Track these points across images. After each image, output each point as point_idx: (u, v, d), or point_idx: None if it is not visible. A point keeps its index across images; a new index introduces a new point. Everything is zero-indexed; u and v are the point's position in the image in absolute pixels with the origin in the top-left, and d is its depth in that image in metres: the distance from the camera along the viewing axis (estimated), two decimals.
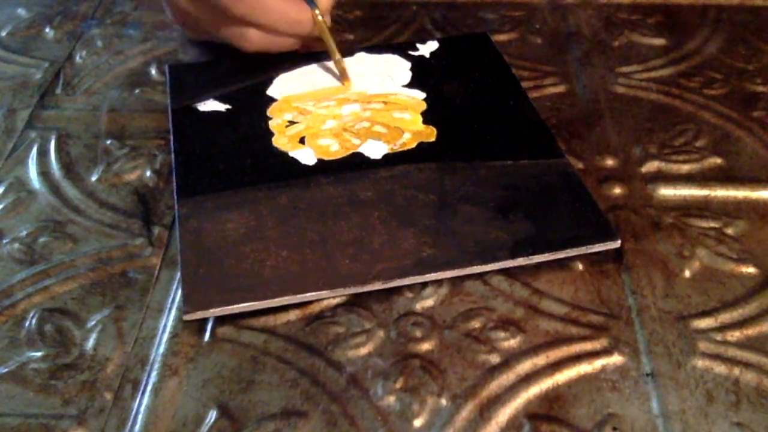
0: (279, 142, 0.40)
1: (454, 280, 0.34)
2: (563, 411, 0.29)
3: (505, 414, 0.29)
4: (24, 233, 0.36)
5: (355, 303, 0.33)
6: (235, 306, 0.32)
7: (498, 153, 0.39)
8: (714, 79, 0.46)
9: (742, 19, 0.51)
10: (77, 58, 0.48)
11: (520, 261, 0.34)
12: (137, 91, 0.44)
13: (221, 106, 0.42)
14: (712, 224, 0.37)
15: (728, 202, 0.38)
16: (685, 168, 0.40)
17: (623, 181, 0.39)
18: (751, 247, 0.36)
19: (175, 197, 0.37)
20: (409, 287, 0.34)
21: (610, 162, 0.40)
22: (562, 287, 0.34)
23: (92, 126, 0.42)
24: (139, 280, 0.34)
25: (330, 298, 0.33)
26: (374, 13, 0.52)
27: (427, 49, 0.47)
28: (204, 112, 0.42)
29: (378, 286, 0.33)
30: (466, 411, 0.29)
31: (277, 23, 0.42)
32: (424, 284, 0.34)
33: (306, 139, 0.40)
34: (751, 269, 0.35)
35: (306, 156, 0.39)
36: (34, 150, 0.41)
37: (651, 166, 0.40)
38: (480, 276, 0.34)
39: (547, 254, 0.34)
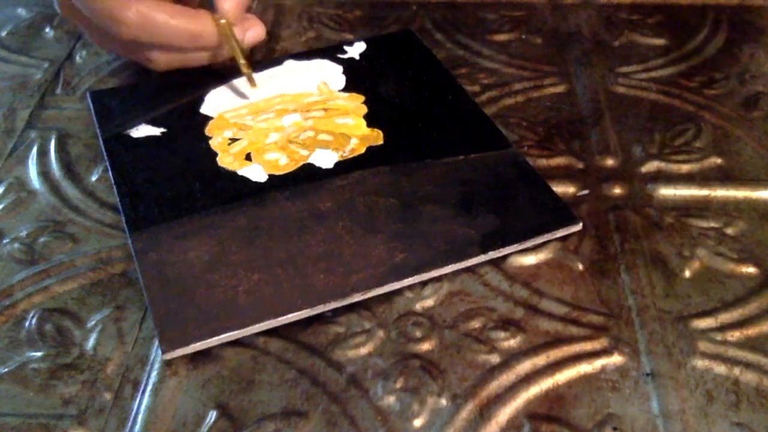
0: (225, 161, 0.39)
1: (453, 280, 0.34)
2: (563, 411, 0.29)
3: (505, 414, 0.29)
4: (24, 233, 0.36)
5: (355, 303, 0.33)
6: (215, 338, 0.31)
7: (448, 149, 0.39)
8: (714, 79, 0.46)
9: (742, 19, 0.51)
10: (77, 58, 0.48)
11: (492, 255, 0.34)
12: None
13: (155, 130, 0.41)
14: (712, 224, 0.37)
15: (728, 202, 0.38)
16: (685, 168, 0.40)
17: (623, 181, 0.39)
18: (751, 247, 0.36)
19: (127, 232, 0.35)
20: (409, 287, 0.34)
21: (610, 162, 0.40)
22: (562, 287, 0.34)
23: (92, 126, 0.42)
24: (139, 280, 0.34)
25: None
26: (374, 13, 0.52)
27: (355, 50, 0.46)
28: (138, 138, 0.40)
29: (357, 297, 0.32)
30: (466, 411, 0.29)
31: (176, 41, 0.40)
32: (424, 284, 0.34)
33: (252, 156, 0.39)
34: (751, 269, 0.35)
35: (256, 173, 0.38)
36: (34, 150, 0.41)
37: (651, 166, 0.40)
38: (480, 276, 0.34)
39: (515, 245, 0.34)
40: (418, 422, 0.29)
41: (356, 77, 0.44)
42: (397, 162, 0.38)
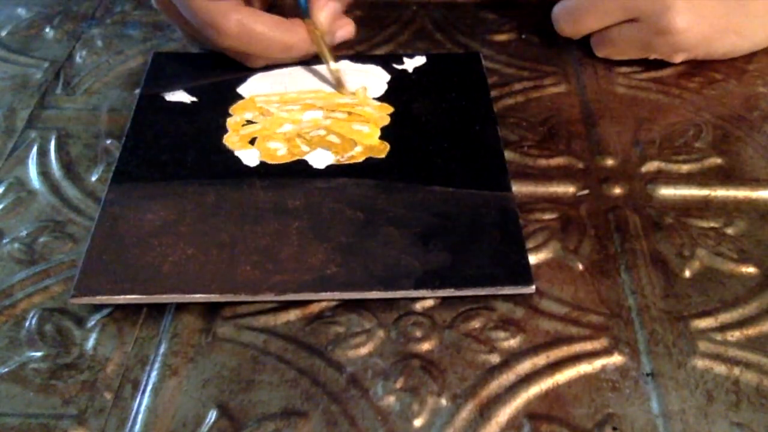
0: (229, 140, 0.40)
1: None
2: (563, 411, 0.29)
3: (505, 414, 0.29)
4: (24, 233, 0.36)
5: (355, 303, 0.33)
6: (121, 297, 0.32)
7: (443, 178, 0.37)
8: (714, 79, 0.46)
9: None
10: (77, 58, 0.48)
11: (423, 293, 0.33)
12: (137, 91, 0.44)
13: (188, 98, 0.42)
14: (712, 224, 0.37)
15: (728, 202, 0.38)
16: (685, 168, 0.40)
17: (623, 181, 0.39)
18: (751, 247, 0.36)
19: (109, 181, 0.37)
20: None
21: (610, 162, 0.40)
22: (562, 287, 0.34)
23: (92, 126, 0.42)
24: None
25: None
26: (374, 13, 0.52)
27: (412, 63, 0.46)
28: (169, 102, 0.42)
29: (269, 297, 0.32)
30: (466, 411, 0.29)
31: (271, 51, 0.42)
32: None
33: (257, 141, 0.40)
34: (751, 269, 0.35)
35: (250, 157, 0.39)
36: (34, 150, 0.41)
37: (651, 166, 0.40)
38: None
39: (452, 290, 0.32)
40: (418, 422, 0.29)
41: (398, 89, 0.44)
42: (385, 178, 0.37)
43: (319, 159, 0.39)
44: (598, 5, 0.44)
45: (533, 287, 0.33)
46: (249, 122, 0.41)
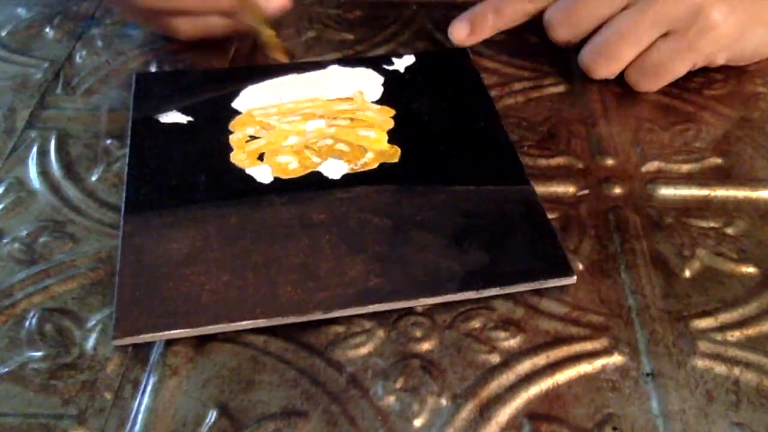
0: (237, 158, 0.39)
1: None
2: (563, 411, 0.29)
3: (505, 414, 0.29)
4: (24, 233, 0.36)
5: None
6: (166, 333, 0.31)
7: (461, 177, 0.37)
8: (714, 79, 0.46)
9: None
10: (77, 58, 0.48)
11: (469, 295, 0.33)
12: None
13: (183, 118, 0.41)
14: (712, 224, 0.37)
15: (728, 202, 0.38)
16: (685, 168, 0.40)
17: (623, 181, 0.39)
18: (751, 247, 0.36)
19: (122, 213, 0.36)
20: None
21: (610, 162, 0.40)
22: (562, 287, 0.34)
23: (92, 126, 0.42)
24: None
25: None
26: (374, 13, 0.52)
27: (402, 63, 0.45)
28: (165, 124, 0.41)
29: (317, 316, 0.32)
30: (466, 411, 0.29)
31: (190, 2, 0.39)
32: None
33: (265, 156, 0.39)
34: (751, 269, 0.35)
35: (262, 174, 0.38)
36: (34, 150, 0.41)
37: (651, 166, 0.40)
38: None
39: (497, 289, 0.33)
40: (418, 422, 0.29)
41: (394, 90, 0.43)
42: (405, 182, 0.37)
43: (333, 169, 0.38)
44: (630, 33, 0.41)
45: (574, 278, 0.33)
46: (252, 137, 0.40)
